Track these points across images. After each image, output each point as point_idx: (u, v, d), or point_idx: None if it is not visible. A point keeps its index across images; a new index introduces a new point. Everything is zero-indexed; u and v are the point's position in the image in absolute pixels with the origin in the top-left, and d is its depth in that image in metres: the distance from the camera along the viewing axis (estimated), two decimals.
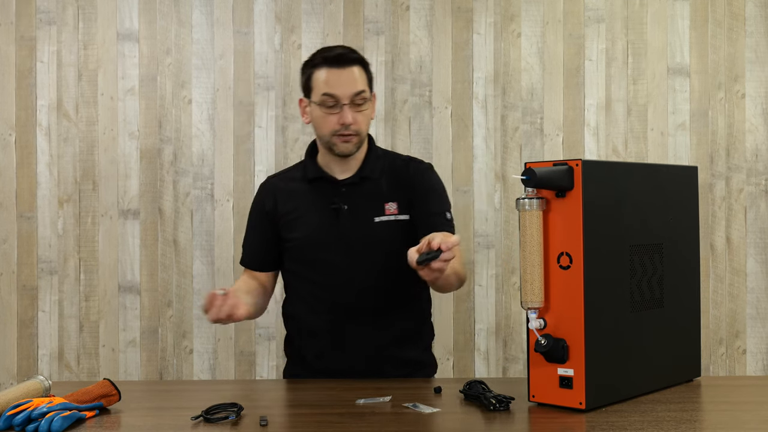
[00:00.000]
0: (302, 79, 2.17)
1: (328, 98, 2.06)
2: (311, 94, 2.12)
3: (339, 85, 2.06)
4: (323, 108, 2.08)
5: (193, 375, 3.28)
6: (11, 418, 1.55)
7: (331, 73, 2.07)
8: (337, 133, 2.07)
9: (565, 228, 1.63)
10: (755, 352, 3.29)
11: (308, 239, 2.12)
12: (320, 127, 2.11)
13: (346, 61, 2.08)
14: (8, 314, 3.30)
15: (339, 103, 2.06)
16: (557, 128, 3.30)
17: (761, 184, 3.29)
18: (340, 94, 2.06)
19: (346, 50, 2.11)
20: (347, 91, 2.06)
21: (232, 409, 1.64)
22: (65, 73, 3.31)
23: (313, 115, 2.13)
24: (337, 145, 2.09)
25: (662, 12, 3.31)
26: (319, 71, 2.09)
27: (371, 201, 2.12)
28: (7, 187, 3.31)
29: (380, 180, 2.14)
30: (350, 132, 2.07)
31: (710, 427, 1.55)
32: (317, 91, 2.09)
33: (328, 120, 2.07)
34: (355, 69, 2.09)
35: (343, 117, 2.06)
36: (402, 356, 2.15)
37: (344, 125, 2.06)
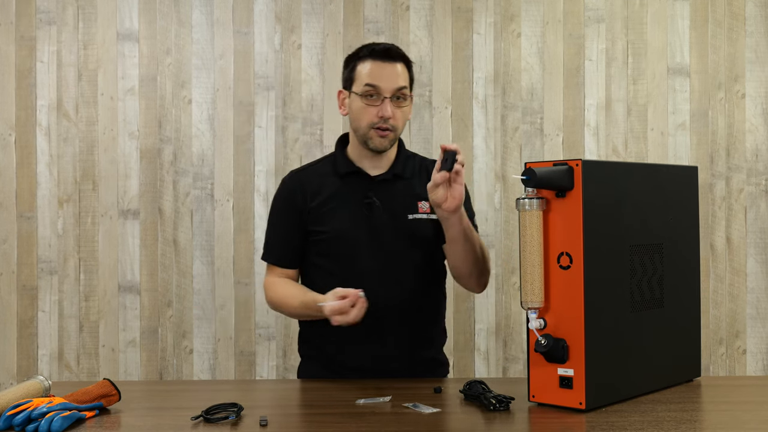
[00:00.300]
0: (345, 71, 2.17)
1: (370, 89, 2.06)
2: (353, 85, 2.11)
3: (382, 78, 2.06)
4: (364, 99, 2.07)
5: (193, 375, 3.28)
6: (11, 418, 1.55)
7: (376, 65, 2.07)
8: (375, 126, 2.07)
9: (565, 228, 1.63)
10: (755, 352, 3.29)
11: (340, 233, 2.10)
12: (358, 118, 2.10)
13: (392, 56, 2.09)
14: (8, 314, 3.30)
15: (380, 96, 2.06)
16: (557, 128, 3.30)
17: (761, 184, 3.29)
18: (382, 87, 2.06)
19: (394, 46, 2.12)
20: (390, 85, 2.06)
21: (232, 409, 1.64)
22: (65, 73, 3.31)
23: (353, 107, 2.12)
24: (373, 139, 2.08)
25: (662, 12, 3.31)
26: (364, 63, 2.10)
27: (405, 198, 2.13)
28: (7, 187, 3.31)
29: (412, 179, 2.15)
30: (388, 126, 2.07)
31: (710, 427, 1.55)
32: (360, 82, 2.09)
33: (368, 112, 2.07)
34: (399, 65, 2.09)
35: (382, 110, 2.05)
36: (423, 355, 2.17)
37: (383, 118, 2.06)
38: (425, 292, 2.16)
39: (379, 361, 2.09)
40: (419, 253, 2.12)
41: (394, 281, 2.09)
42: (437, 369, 2.22)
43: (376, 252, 2.08)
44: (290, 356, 3.28)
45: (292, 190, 2.18)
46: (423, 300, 2.16)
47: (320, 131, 3.29)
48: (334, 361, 2.14)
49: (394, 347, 2.11)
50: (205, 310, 3.29)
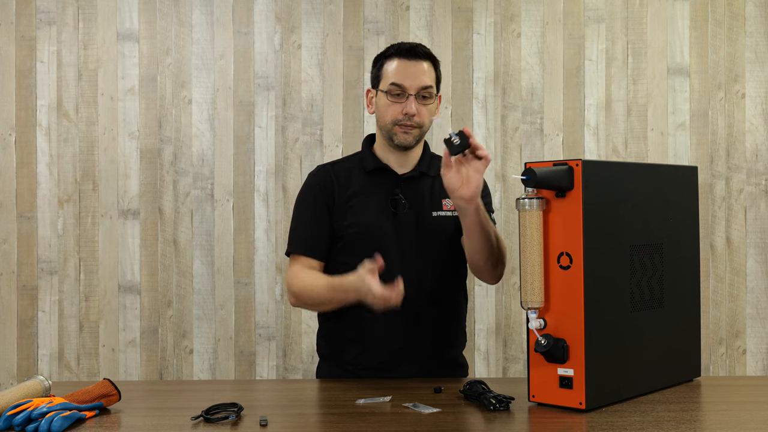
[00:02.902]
0: (373, 70, 2.19)
1: (395, 87, 2.08)
2: (380, 83, 2.14)
3: (407, 76, 2.08)
4: (389, 96, 2.09)
5: (193, 375, 3.28)
6: (11, 418, 1.55)
7: (402, 63, 2.10)
8: (399, 123, 2.09)
9: (565, 228, 1.63)
10: (755, 352, 3.29)
11: (365, 228, 2.11)
12: (383, 115, 2.12)
13: (418, 55, 2.11)
14: (8, 314, 3.30)
15: (405, 93, 2.08)
16: (557, 128, 3.30)
17: (761, 184, 3.29)
18: (407, 85, 2.08)
19: (420, 45, 2.14)
20: (415, 83, 2.08)
21: (232, 409, 1.64)
22: (65, 73, 3.31)
23: (379, 104, 2.14)
24: (398, 135, 2.10)
25: (662, 12, 3.31)
26: (391, 61, 2.12)
27: (430, 196, 2.15)
28: (7, 187, 3.31)
29: (437, 178, 2.14)
30: (412, 123, 2.09)
31: (710, 427, 1.55)
32: (386, 80, 2.11)
33: (392, 108, 2.09)
34: (425, 64, 2.11)
35: (407, 107, 2.07)
36: (444, 355, 2.18)
37: (407, 115, 2.08)
38: (448, 290, 2.17)
39: (400, 361, 2.08)
40: (443, 249, 2.14)
41: (417, 278, 2.08)
42: (457, 370, 2.21)
43: (400, 248, 2.08)
44: (290, 356, 3.28)
45: (321, 183, 2.17)
46: (445, 298, 2.17)
47: (320, 131, 3.29)
48: (353, 360, 2.12)
49: (414, 345, 2.11)
50: (205, 310, 3.29)
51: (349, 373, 2.11)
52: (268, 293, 3.29)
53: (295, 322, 3.28)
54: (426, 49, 2.15)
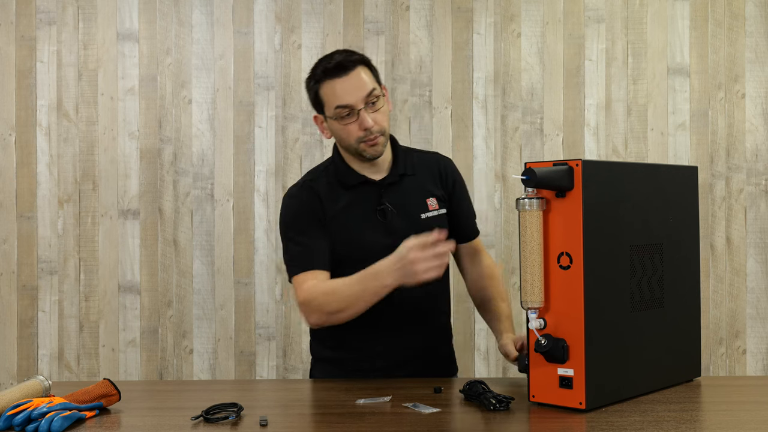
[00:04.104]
0: (310, 96, 2.10)
1: (342, 110, 2.00)
2: (324, 109, 2.06)
3: (348, 93, 2.00)
4: (341, 120, 2.02)
5: (193, 375, 3.28)
6: (11, 418, 1.55)
7: (337, 83, 2.00)
8: (363, 140, 2.02)
9: (565, 228, 1.63)
10: (755, 352, 3.29)
11: (358, 243, 2.07)
12: (344, 138, 2.05)
13: (347, 67, 2.01)
14: (8, 314, 3.30)
15: (354, 110, 2.00)
16: (557, 128, 3.30)
17: (761, 184, 3.29)
18: (353, 102, 2.00)
19: (344, 54, 2.04)
20: (359, 96, 2.00)
21: (232, 409, 1.64)
22: (65, 73, 3.31)
23: (333, 129, 2.07)
24: (366, 151, 2.03)
25: (662, 12, 3.31)
26: (325, 85, 2.03)
27: (414, 198, 2.11)
28: (7, 187, 3.31)
29: (416, 176, 2.14)
30: (374, 134, 2.01)
31: (710, 427, 1.55)
32: (329, 105, 2.03)
33: (349, 130, 2.02)
34: (359, 71, 2.02)
35: (363, 122, 2.00)
36: (440, 352, 2.20)
37: (367, 130, 2.00)
38: (441, 289, 2.18)
39: (398, 361, 2.08)
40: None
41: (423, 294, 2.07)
42: (450, 366, 2.25)
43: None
44: (290, 356, 3.28)
45: (307, 201, 2.09)
46: (440, 296, 2.18)
47: (320, 131, 3.29)
48: (350, 363, 2.11)
49: (414, 346, 2.12)
50: (205, 310, 3.29)
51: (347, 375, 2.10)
52: (268, 293, 3.29)
53: (295, 322, 3.28)
54: (350, 53, 2.06)
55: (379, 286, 1.88)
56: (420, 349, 2.13)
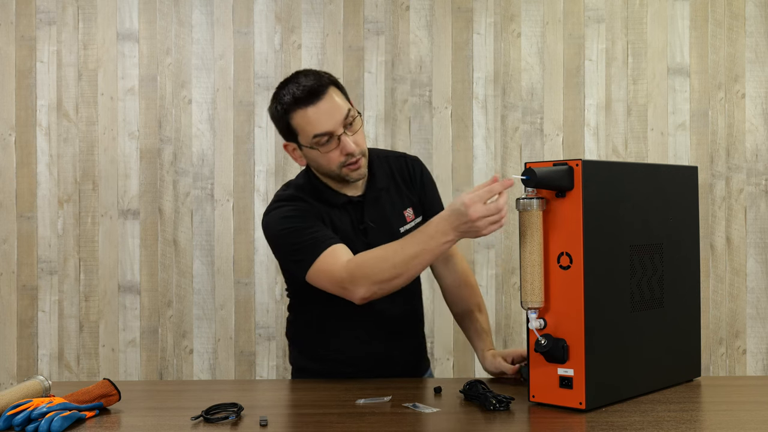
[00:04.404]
0: (279, 126, 1.98)
1: (321, 138, 1.90)
2: (297, 138, 1.94)
3: (326, 120, 1.89)
4: (321, 147, 1.91)
5: (193, 375, 3.28)
6: (11, 418, 1.55)
7: (310, 111, 1.89)
8: (345, 164, 1.93)
9: (565, 228, 1.63)
10: (755, 352, 3.29)
11: None
12: (323, 165, 1.95)
13: (319, 91, 1.89)
14: (8, 314, 3.30)
15: (334, 136, 1.90)
16: (557, 128, 3.30)
17: (761, 184, 3.29)
18: (332, 128, 1.89)
19: (312, 79, 1.92)
20: (337, 120, 1.89)
21: (232, 409, 1.64)
22: (65, 73, 3.31)
23: (310, 157, 1.96)
24: (349, 174, 1.95)
25: (662, 12, 3.31)
26: (297, 114, 1.91)
27: (393, 212, 2.06)
28: (7, 187, 3.31)
29: (391, 186, 2.08)
30: (357, 157, 1.93)
31: (710, 427, 1.55)
32: (305, 134, 1.91)
33: (330, 156, 1.92)
34: (330, 93, 1.91)
35: (345, 147, 1.90)
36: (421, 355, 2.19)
37: (349, 155, 1.91)
38: (418, 295, 2.18)
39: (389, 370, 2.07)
40: None
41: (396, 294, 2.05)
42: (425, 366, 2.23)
43: None
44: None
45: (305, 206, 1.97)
46: (418, 303, 2.18)
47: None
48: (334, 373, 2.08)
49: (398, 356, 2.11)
50: (205, 310, 3.29)
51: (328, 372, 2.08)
52: (268, 293, 3.29)
53: None
54: (317, 75, 1.94)
55: (439, 244, 1.75)
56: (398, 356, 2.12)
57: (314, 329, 2.09)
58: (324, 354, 2.09)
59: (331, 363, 2.07)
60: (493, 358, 2.00)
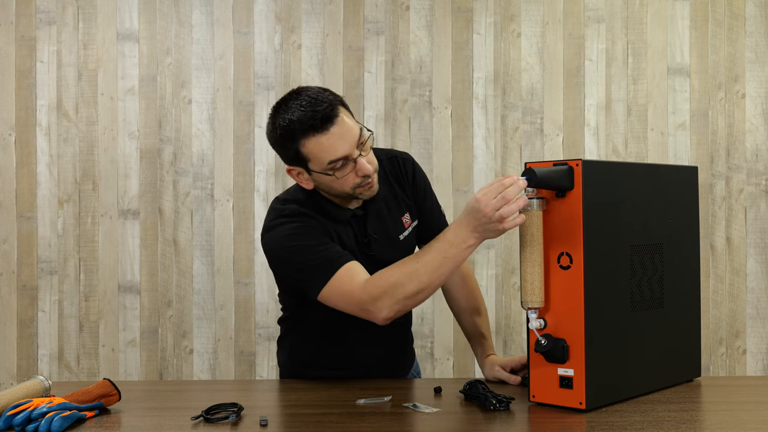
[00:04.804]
0: (284, 151, 1.87)
1: (336, 163, 1.81)
2: (309, 164, 1.84)
3: (341, 145, 1.80)
4: (336, 172, 1.83)
5: (193, 375, 3.28)
6: (11, 418, 1.55)
7: (324, 138, 1.79)
8: (360, 185, 1.86)
9: (565, 228, 1.63)
10: (755, 352, 3.29)
11: None
12: (337, 188, 1.87)
13: (332, 116, 1.79)
14: (8, 314, 3.30)
15: (349, 159, 1.82)
16: (557, 128, 3.30)
17: (761, 184, 3.29)
18: (348, 153, 1.81)
19: (323, 102, 1.81)
20: (352, 144, 1.81)
21: (232, 409, 1.64)
22: (65, 73, 3.31)
23: (322, 181, 1.87)
24: (363, 194, 1.89)
25: (662, 12, 3.31)
26: (310, 140, 1.80)
27: (392, 220, 2.03)
28: (7, 187, 3.31)
29: (388, 194, 2.04)
30: (370, 180, 1.87)
31: (710, 427, 1.55)
32: (318, 161, 1.82)
33: (345, 180, 1.84)
34: (342, 117, 1.81)
35: (361, 170, 1.83)
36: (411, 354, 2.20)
37: (366, 176, 1.85)
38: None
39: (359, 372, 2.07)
40: None
41: None
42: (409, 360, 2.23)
43: None
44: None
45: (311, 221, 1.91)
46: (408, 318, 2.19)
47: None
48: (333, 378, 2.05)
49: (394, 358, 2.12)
50: (205, 310, 3.29)
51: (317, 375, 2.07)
52: (268, 293, 3.29)
53: None
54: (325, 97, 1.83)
55: (461, 250, 1.70)
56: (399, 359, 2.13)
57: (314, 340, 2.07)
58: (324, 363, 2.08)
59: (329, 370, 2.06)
60: (492, 368, 1.99)
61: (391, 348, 2.09)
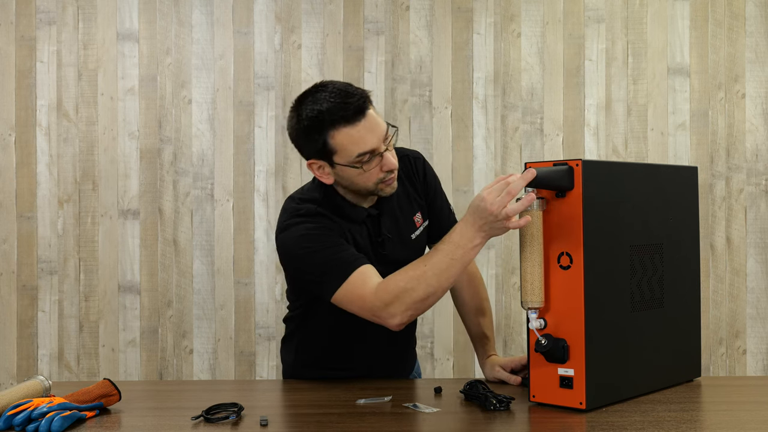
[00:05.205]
0: (309, 144, 1.86)
1: (364, 156, 1.81)
2: (335, 157, 1.84)
3: (372, 138, 1.81)
4: (363, 165, 1.83)
5: (193, 375, 3.28)
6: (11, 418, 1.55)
7: (356, 129, 1.80)
8: (382, 180, 1.86)
9: (565, 228, 1.63)
10: (755, 352, 3.29)
11: None
12: (360, 183, 1.87)
13: (364, 108, 1.81)
14: (8, 314, 3.30)
15: (376, 153, 1.82)
16: (557, 128, 3.30)
17: (761, 184, 3.29)
18: (376, 146, 1.82)
19: (354, 95, 1.82)
20: (380, 138, 1.82)
21: (232, 409, 1.64)
22: (65, 73, 3.31)
23: (346, 175, 1.86)
24: (384, 189, 1.89)
25: (662, 12, 3.31)
26: (340, 132, 1.80)
27: (405, 219, 2.03)
28: (7, 187, 3.31)
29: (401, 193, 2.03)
30: (394, 175, 1.89)
31: (710, 427, 1.55)
32: (346, 153, 1.82)
33: (370, 174, 1.84)
34: (371, 110, 1.83)
35: (387, 164, 1.84)
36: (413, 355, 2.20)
37: (390, 171, 1.86)
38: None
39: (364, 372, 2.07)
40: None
41: None
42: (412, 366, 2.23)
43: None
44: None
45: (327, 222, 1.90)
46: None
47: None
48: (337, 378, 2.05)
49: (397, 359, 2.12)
50: (205, 310, 3.29)
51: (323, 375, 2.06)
52: (268, 293, 3.29)
53: None
54: (362, 93, 1.84)
55: (467, 251, 1.70)
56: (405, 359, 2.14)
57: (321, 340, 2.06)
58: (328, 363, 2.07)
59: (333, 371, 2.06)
60: (492, 368, 1.99)
61: (394, 349, 2.09)
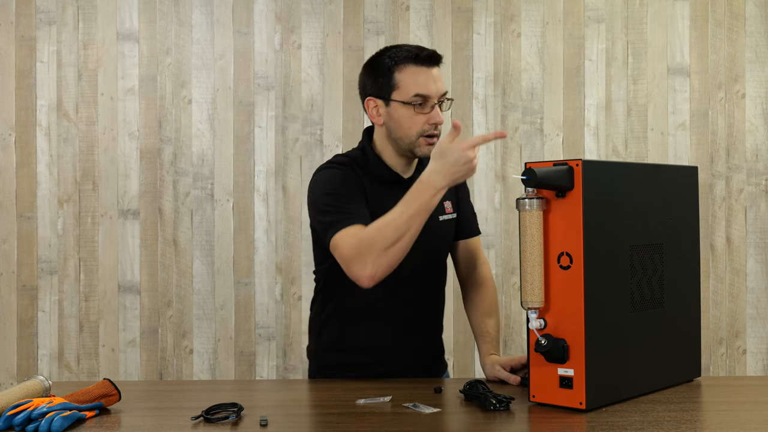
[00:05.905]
0: (377, 78, 2.00)
1: (418, 98, 1.95)
2: (393, 93, 1.97)
3: (432, 84, 1.96)
4: (413, 108, 1.96)
5: (193, 375, 3.28)
6: (11, 418, 1.55)
7: (422, 71, 1.96)
8: (425, 134, 1.98)
9: (565, 228, 1.63)
10: (755, 352, 3.29)
11: None
12: (407, 128, 1.98)
13: (436, 60, 1.98)
14: (8, 314, 3.30)
15: (428, 103, 1.97)
16: (557, 128, 3.30)
17: (761, 184, 3.29)
18: (432, 94, 1.96)
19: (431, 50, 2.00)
20: (439, 90, 1.97)
21: (232, 409, 1.64)
22: (65, 73, 3.31)
23: (396, 115, 1.98)
24: (421, 147, 1.99)
25: (662, 12, 3.31)
26: (408, 69, 1.96)
27: None
28: (7, 187, 3.31)
29: None
30: (437, 133, 1.99)
31: (710, 427, 1.55)
32: (406, 90, 1.96)
33: (416, 120, 1.96)
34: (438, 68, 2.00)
35: (434, 117, 1.97)
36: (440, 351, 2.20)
37: (434, 125, 1.97)
38: (443, 290, 2.19)
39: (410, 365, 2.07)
40: (445, 252, 2.14)
41: (428, 282, 2.08)
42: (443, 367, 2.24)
43: (414, 255, 1.95)
44: (290, 356, 3.28)
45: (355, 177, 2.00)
46: (443, 297, 2.19)
47: (320, 131, 3.29)
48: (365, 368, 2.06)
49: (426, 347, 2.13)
50: (205, 310, 3.29)
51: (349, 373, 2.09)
52: (268, 293, 3.29)
53: (295, 322, 3.28)
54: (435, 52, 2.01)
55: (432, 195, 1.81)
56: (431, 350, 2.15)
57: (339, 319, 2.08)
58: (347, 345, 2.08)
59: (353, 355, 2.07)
60: (492, 367, 1.99)
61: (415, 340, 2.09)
